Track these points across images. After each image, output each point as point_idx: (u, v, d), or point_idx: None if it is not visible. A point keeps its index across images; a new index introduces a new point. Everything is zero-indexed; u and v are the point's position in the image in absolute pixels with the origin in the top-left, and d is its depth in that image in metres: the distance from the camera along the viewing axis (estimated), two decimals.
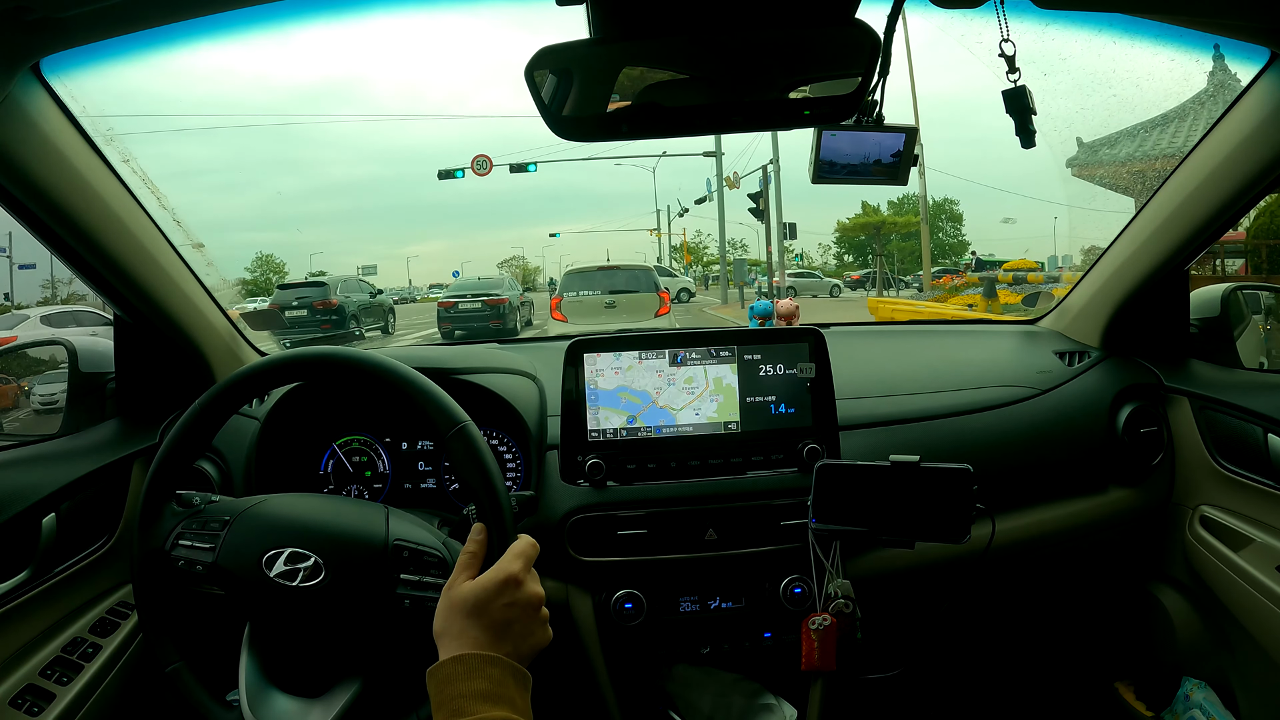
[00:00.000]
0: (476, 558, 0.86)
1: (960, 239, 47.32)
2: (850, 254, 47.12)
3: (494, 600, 0.80)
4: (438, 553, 0.98)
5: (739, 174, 23.62)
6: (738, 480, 1.41)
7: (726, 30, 0.91)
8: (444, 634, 0.80)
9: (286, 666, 0.96)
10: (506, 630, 0.80)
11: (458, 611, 0.81)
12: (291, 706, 0.92)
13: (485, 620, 0.80)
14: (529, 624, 0.82)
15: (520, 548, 0.86)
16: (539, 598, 0.84)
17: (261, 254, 37.99)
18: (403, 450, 1.53)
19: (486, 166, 20.33)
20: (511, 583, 0.82)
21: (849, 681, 1.64)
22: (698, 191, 39.16)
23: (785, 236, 21.45)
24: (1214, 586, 1.46)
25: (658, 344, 1.42)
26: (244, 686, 0.92)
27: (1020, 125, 1.15)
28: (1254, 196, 1.32)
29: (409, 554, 0.96)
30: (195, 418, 0.99)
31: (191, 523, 0.96)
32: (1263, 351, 1.85)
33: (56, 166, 1.10)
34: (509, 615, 0.80)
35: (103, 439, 1.38)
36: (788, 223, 21.48)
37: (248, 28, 1.01)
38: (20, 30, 0.86)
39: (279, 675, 0.95)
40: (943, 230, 45.92)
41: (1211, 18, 1.03)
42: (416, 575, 0.95)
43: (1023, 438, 1.54)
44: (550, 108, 0.94)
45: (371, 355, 1.00)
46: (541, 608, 0.84)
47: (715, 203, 23.78)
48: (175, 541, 0.95)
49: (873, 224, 33.30)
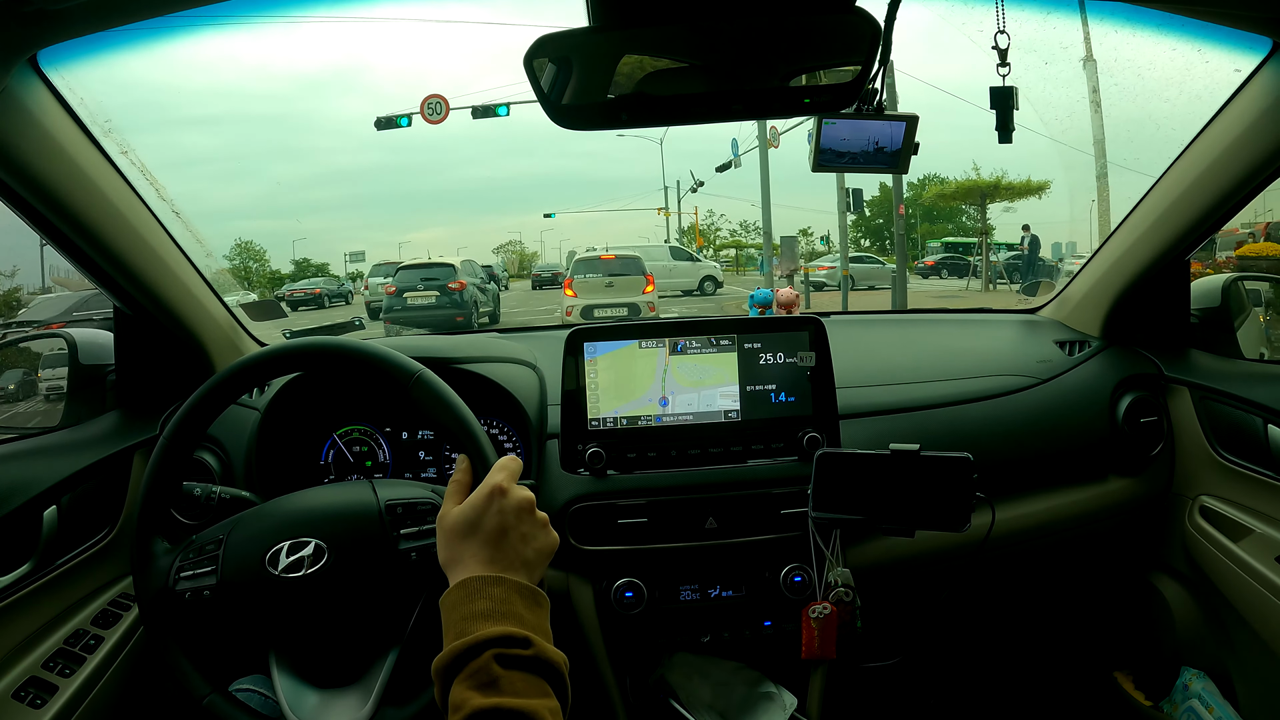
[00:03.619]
0: (462, 485, 0.87)
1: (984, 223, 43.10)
2: (867, 238, 42.09)
3: (484, 513, 0.81)
4: (430, 501, 0.99)
5: (779, 130, 16.77)
6: (738, 469, 1.41)
7: (726, 17, 0.91)
8: (449, 562, 0.81)
9: (317, 662, 0.96)
10: (503, 539, 0.80)
11: (454, 535, 0.81)
12: (334, 700, 0.93)
13: (480, 536, 0.80)
14: (525, 528, 0.82)
15: (501, 462, 0.87)
16: (529, 500, 0.84)
17: (241, 240, 36.13)
18: (403, 440, 1.53)
19: (440, 111, 15.30)
20: (496, 492, 0.82)
21: (849, 670, 1.65)
22: (704, 172, 36.40)
23: (849, 208, 15.91)
24: (1213, 577, 1.46)
25: (657, 333, 1.42)
26: (283, 697, 0.91)
27: (1001, 121, 1.17)
28: (1255, 187, 1.32)
29: (403, 509, 0.97)
30: (190, 412, 0.99)
31: (187, 553, 0.96)
32: (1263, 342, 1.85)
33: (54, 159, 1.09)
34: (503, 523, 0.81)
35: (103, 431, 1.38)
36: (851, 188, 15.64)
37: (247, 16, 1.01)
38: (17, 22, 0.86)
39: (313, 673, 0.95)
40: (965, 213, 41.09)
41: (1213, 7, 1.03)
42: (415, 526, 0.96)
43: (1023, 427, 1.54)
44: (549, 96, 0.94)
45: (332, 339, 1.02)
46: (535, 511, 0.84)
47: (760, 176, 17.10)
48: (177, 577, 0.94)
49: (980, 188, 23.64)
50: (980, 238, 23.74)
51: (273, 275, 35.53)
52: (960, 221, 38.06)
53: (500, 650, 0.71)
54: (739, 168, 19.19)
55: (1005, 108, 1.15)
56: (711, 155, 55.95)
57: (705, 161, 49.35)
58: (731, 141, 19.63)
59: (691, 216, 37.18)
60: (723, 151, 20.90)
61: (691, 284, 20.26)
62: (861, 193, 16.08)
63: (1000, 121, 1.17)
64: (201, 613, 0.93)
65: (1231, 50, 1.20)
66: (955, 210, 37.01)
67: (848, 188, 15.49)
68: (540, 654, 0.73)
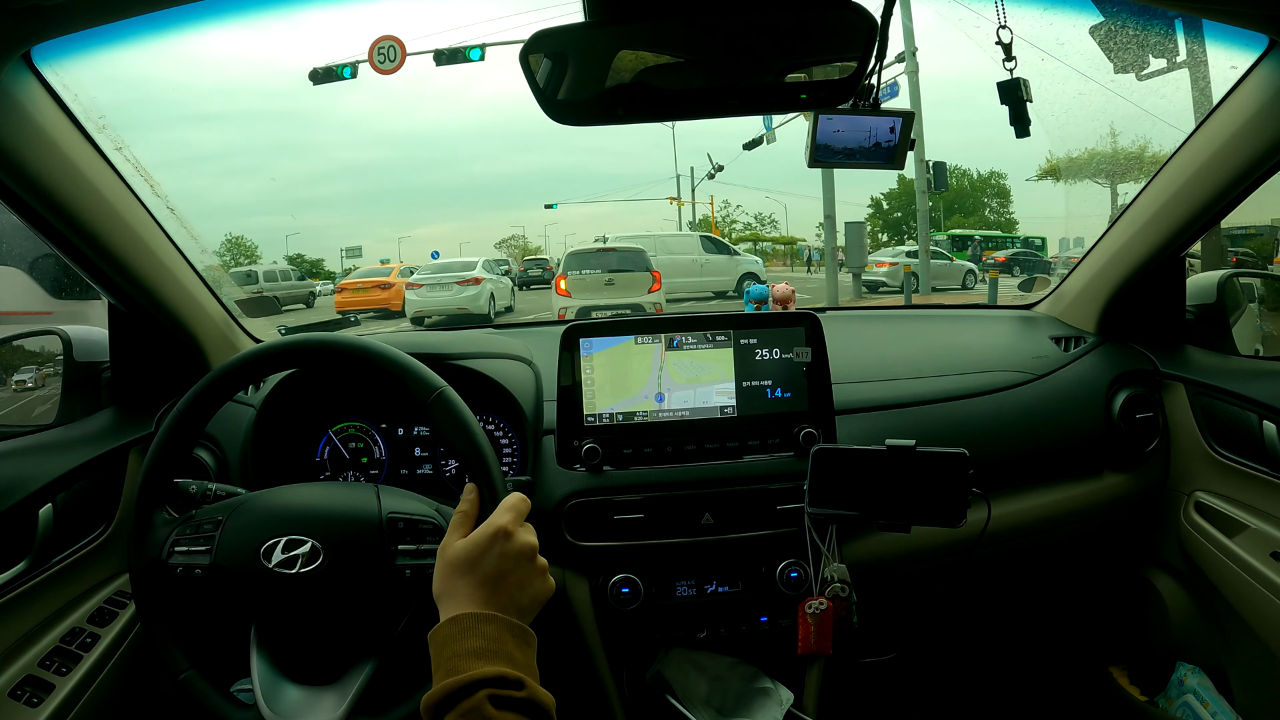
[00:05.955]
0: (468, 516, 0.87)
1: (1009, 216, 39.14)
2: (885, 232, 39.19)
3: (485, 554, 0.81)
4: (432, 520, 0.98)
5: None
6: (734, 465, 1.41)
7: (722, 12, 0.90)
8: (442, 595, 0.81)
9: (298, 657, 0.96)
10: (501, 583, 0.80)
11: (452, 570, 0.81)
12: (308, 697, 0.93)
13: (479, 575, 0.80)
14: (524, 574, 0.82)
15: (510, 502, 0.86)
16: (531, 547, 0.83)
17: (231, 236, 35.35)
18: (399, 436, 1.53)
19: (395, 57, 11.75)
20: (501, 535, 0.82)
21: (845, 665, 1.66)
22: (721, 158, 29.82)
23: (930, 186, 12.34)
24: (1208, 572, 1.47)
25: (653, 328, 1.42)
26: (258, 684, 0.92)
27: (1015, 115, 1.16)
28: (1251, 183, 1.32)
29: (404, 525, 0.97)
30: (186, 409, 0.99)
31: (185, 528, 0.96)
32: (1258, 338, 1.85)
33: (49, 155, 1.09)
34: (502, 567, 0.80)
35: (98, 428, 1.38)
36: (931, 161, 12.06)
37: (243, 11, 1.00)
38: (10, 17, 0.85)
39: (291, 667, 0.95)
40: (988, 206, 39.57)
41: (1210, 4, 1.03)
42: (414, 544, 0.96)
43: (1018, 423, 1.54)
44: (545, 91, 0.94)
45: (349, 337, 1.01)
46: (536, 558, 0.84)
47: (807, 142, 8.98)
48: (171, 550, 0.94)
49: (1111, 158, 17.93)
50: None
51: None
52: (984, 215, 37.34)
53: (494, 691, 0.71)
54: (772, 143, 15.40)
55: (1016, 100, 1.14)
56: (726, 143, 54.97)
57: (721, 148, 48.11)
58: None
59: (706, 207, 33.42)
60: (742, 132, 17.40)
61: (729, 283, 15.91)
62: (945, 166, 12.51)
63: (1014, 115, 1.16)
64: (190, 590, 0.94)
65: (1228, 47, 1.20)
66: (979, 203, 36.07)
67: (927, 160, 12.07)
68: (532, 696, 0.73)
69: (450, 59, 11.94)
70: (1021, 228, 31.36)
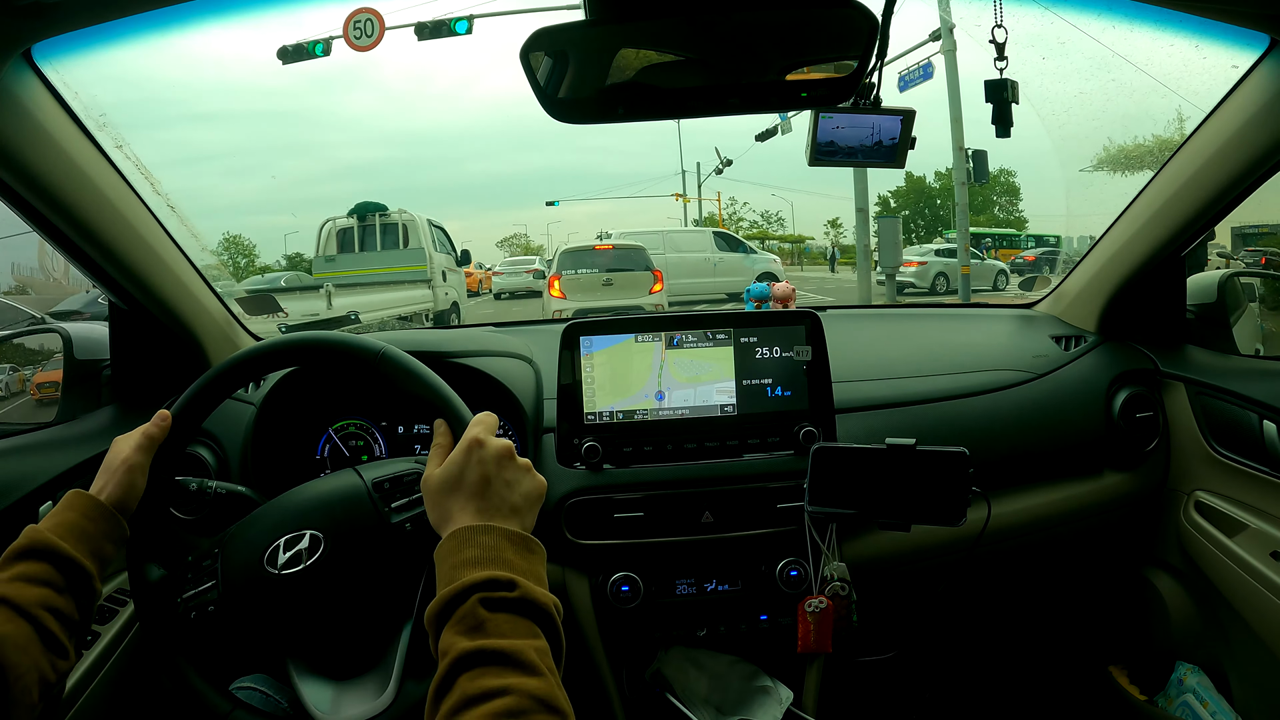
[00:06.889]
0: (443, 447, 0.87)
1: (1018, 215, 37.65)
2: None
3: (465, 467, 0.81)
4: (414, 471, 0.99)
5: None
6: (734, 463, 1.41)
7: (723, 11, 0.90)
8: (439, 521, 0.81)
9: (334, 655, 0.95)
10: (488, 489, 0.80)
11: (439, 494, 0.81)
12: (355, 689, 0.92)
13: (465, 489, 0.80)
14: (508, 474, 0.82)
15: (478, 417, 0.86)
16: (507, 447, 0.83)
17: (229, 234, 35.05)
18: (399, 434, 1.53)
19: (373, 31, 10.20)
20: (474, 445, 0.82)
21: (845, 664, 1.66)
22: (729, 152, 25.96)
23: (970, 177, 11.06)
24: (1208, 572, 1.47)
25: (654, 326, 1.42)
26: (306, 698, 0.90)
27: (998, 114, 1.16)
28: (1252, 183, 1.32)
29: (389, 484, 0.97)
30: (184, 408, 0.99)
31: (185, 574, 0.95)
32: (1259, 338, 1.85)
33: (49, 153, 1.09)
34: (484, 473, 0.81)
35: (98, 426, 1.38)
36: (971, 150, 10.79)
37: (251, 9, 1.00)
38: (11, 15, 0.86)
39: (331, 667, 0.94)
40: (998, 204, 37.69)
41: (1211, 3, 1.03)
42: (404, 498, 0.96)
43: (1019, 422, 1.54)
44: (546, 90, 0.94)
45: (297, 335, 1.01)
46: (515, 457, 0.84)
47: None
48: (180, 600, 0.93)
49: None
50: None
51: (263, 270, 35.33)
52: (993, 213, 36.09)
53: (485, 594, 0.71)
54: (788, 133, 13.57)
55: (1000, 100, 1.15)
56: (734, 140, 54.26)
57: (729, 143, 47.66)
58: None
59: (712, 204, 32.59)
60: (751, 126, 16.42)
61: (744, 284, 11.56)
62: (985, 155, 11.01)
63: (997, 115, 1.17)
64: (208, 629, 0.92)
65: (1228, 47, 1.20)
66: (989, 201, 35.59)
67: (967, 149, 10.84)
68: (526, 595, 0.72)
69: (434, 33, 10.52)
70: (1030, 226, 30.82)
